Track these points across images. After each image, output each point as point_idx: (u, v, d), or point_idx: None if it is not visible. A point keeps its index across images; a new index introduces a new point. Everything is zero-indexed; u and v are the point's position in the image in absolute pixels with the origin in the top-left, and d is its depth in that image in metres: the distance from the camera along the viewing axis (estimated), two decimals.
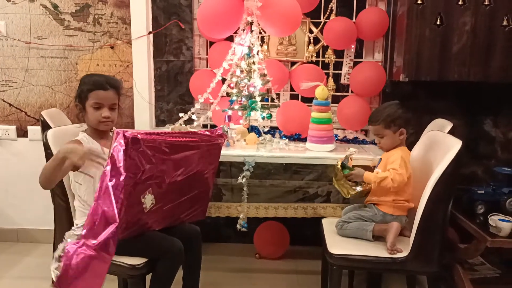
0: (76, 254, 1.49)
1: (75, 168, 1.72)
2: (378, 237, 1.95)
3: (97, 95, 1.81)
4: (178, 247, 1.79)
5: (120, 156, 1.51)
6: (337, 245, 1.92)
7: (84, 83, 1.84)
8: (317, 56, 2.87)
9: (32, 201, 3.03)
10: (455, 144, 1.75)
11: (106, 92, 1.83)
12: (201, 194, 1.99)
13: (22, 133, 2.99)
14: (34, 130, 2.94)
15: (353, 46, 2.84)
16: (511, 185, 2.34)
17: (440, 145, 1.89)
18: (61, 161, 1.61)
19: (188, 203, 1.94)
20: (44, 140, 1.86)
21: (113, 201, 1.49)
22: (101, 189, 1.50)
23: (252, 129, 2.65)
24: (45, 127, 2.31)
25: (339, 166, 2.01)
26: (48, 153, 1.85)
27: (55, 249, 2.01)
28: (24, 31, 2.88)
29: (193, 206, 1.98)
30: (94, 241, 1.48)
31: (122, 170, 1.51)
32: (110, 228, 1.48)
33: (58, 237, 1.95)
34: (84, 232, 1.50)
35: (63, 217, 1.89)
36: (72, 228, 1.79)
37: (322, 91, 2.33)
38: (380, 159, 2.05)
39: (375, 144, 2.33)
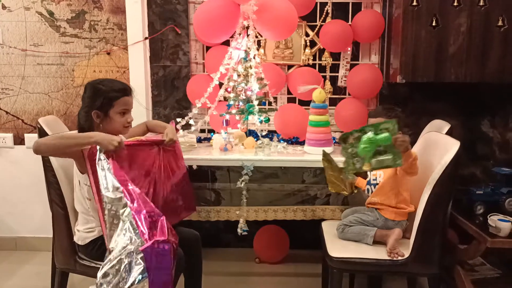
0: (161, 253, 1.53)
1: (83, 170, 1.74)
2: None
3: (126, 101, 1.86)
4: (179, 255, 1.78)
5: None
6: (337, 248, 1.91)
7: (107, 91, 1.83)
8: (314, 59, 2.87)
9: (30, 209, 3.01)
10: (453, 145, 1.75)
11: (130, 97, 1.89)
12: (184, 189, 2.06)
13: (19, 140, 2.98)
14: (32, 138, 2.92)
15: (349, 49, 2.84)
16: (509, 185, 2.34)
17: (438, 146, 1.89)
18: (87, 143, 1.63)
19: (175, 201, 2.00)
20: None
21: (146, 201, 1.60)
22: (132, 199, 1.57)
23: (250, 133, 2.64)
24: (42, 134, 2.29)
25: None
26: (46, 160, 1.84)
27: (53, 256, 2.02)
28: (20, 38, 2.88)
29: (181, 202, 2.05)
30: (162, 237, 1.54)
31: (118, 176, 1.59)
32: (162, 221, 1.57)
33: (56, 245, 1.93)
34: (146, 236, 1.53)
35: (62, 224, 1.88)
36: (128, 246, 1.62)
37: (319, 94, 2.33)
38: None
39: None
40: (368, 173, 2.10)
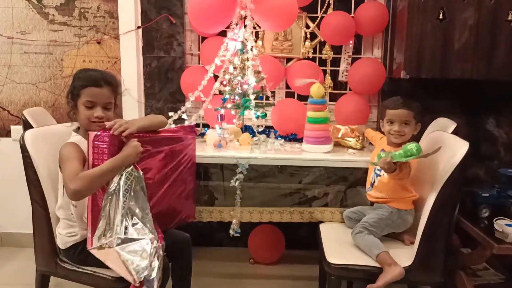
0: None
1: None
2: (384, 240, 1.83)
3: (90, 92, 1.65)
4: (164, 264, 1.69)
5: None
6: (336, 253, 1.81)
7: (78, 79, 1.69)
8: (314, 52, 2.78)
9: (16, 204, 2.90)
10: (462, 147, 1.65)
11: (100, 89, 1.67)
12: (186, 193, 1.99)
13: (5, 132, 2.87)
14: (18, 130, 2.81)
15: (351, 42, 2.75)
16: None
17: (446, 147, 1.78)
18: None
19: (176, 204, 1.93)
20: (21, 142, 1.71)
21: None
22: None
23: (246, 129, 2.55)
24: (27, 127, 2.20)
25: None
26: (25, 156, 1.71)
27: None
28: (6, 25, 2.76)
29: (181, 207, 1.97)
30: None
31: None
32: None
33: (37, 246, 1.82)
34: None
35: (43, 225, 1.75)
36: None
37: (317, 89, 2.22)
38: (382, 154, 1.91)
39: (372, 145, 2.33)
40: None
